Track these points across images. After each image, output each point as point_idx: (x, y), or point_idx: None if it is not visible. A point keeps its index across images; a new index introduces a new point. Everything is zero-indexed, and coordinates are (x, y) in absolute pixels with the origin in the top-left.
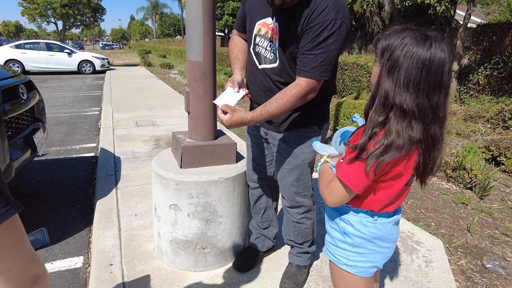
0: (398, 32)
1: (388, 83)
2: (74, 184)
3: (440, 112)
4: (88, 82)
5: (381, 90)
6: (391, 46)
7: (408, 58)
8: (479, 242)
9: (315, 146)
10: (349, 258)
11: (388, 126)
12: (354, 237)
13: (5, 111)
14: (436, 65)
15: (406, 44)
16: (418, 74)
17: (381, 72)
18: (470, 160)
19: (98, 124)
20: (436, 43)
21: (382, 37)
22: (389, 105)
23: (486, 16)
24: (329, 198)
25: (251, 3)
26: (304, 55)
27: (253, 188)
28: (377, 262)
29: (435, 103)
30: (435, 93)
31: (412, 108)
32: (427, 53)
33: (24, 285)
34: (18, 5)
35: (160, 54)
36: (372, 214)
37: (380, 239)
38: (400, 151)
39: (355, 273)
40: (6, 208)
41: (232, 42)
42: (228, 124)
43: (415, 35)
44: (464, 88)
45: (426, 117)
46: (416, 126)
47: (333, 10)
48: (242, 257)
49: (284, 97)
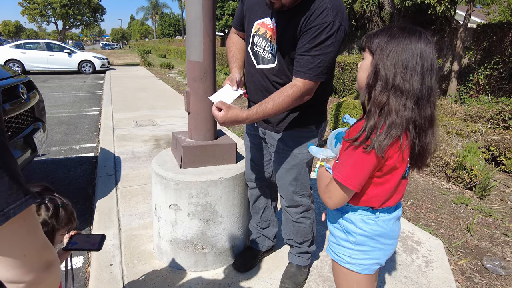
0: (388, 28)
1: (387, 69)
2: (74, 184)
3: (433, 93)
4: (88, 82)
5: (381, 76)
6: (386, 39)
7: (404, 47)
8: (479, 242)
9: (311, 151)
10: (352, 256)
11: (387, 108)
12: (356, 235)
13: (5, 111)
14: (428, 52)
15: (399, 35)
16: (414, 59)
17: (377, 61)
18: (470, 160)
19: (98, 124)
20: (423, 34)
21: (372, 34)
22: (389, 87)
23: (486, 16)
24: (329, 201)
25: (250, 2)
26: (301, 56)
27: (252, 188)
28: (379, 259)
29: (429, 86)
30: (429, 75)
31: (409, 88)
32: (418, 41)
33: (39, 269)
34: (18, 5)
35: (160, 54)
36: (373, 211)
37: (382, 236)
38: (398, 130)
39: (358, 271)
40: (25, 198)
41: (230, 40)
42: (222, 121)
43: (405, 29)
44: (464, 88)
45: (423, 98)
46: (411, 105)
47: (332, 13)
48: (242, 257)
49: (280, 97)
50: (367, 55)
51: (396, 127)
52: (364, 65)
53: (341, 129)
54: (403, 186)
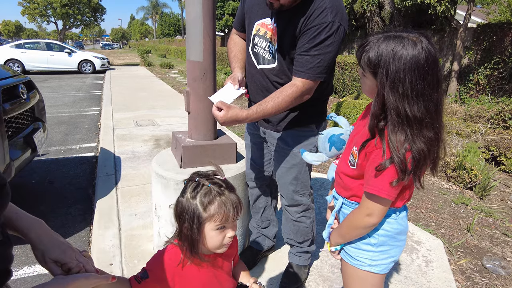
0: (383, 42)
1: (395, 99)
2: (74, 184)
3: (440, 106)
4: (88, 81)
5: (389, 108)
6: (384, 60)
7: (408, 70)
8: (479, 242)
9: (305, 158)
10: (373, 258)
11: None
12: (379, 236)
13: (5, 111)
14: (432, 65)
15: (401, 55)
16: (422, 82)
17: (382, 89)
18: (470, 160)
19: (98, 124)
20: (422, 43)
21: (366, 50)
22: (402, 118)
23: (487, 16)
24: (371, 220)
25: (251, 3)
26: (301, 55)
27: (252, 188)
28: (396, 256)
29: (436, 100)
30: (436, 91)
31: (423, 113)
32: (422, 57)
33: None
34: (18, 5)
35: (160, 54)
36: (394, 210)
37: (401, 233)
38: (427, 156)
39: (379, 272)
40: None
41: (231, 41)
42: (222, 121)
43: (402, 42)
44: (464, 88)
45: (433, 115)
46: (429, 127)
47: (331, 13)
48: (242, 257)
49: (280, 96)
50: (367, 74)
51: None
52: (367, 84)
53: (333, 131)
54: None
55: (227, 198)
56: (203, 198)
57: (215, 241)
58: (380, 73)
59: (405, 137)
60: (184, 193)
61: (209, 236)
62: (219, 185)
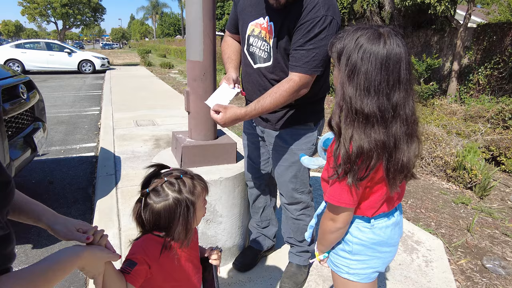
0: (351, 33)
1: (350, 89)
2: (74, 183)
3: (400, 110)
4: (88, 81)
5: (346, 97)
6: (347, 50)
7: (366, 60)
8: (479, 242)
9: (303, 162)
10: (350, 266)
11: (355, 131)
12: (352, 244)
13: (5, 111)
14: (393, 62)
15: (362, 46)
16: (378, 75)
17: (342, 78)
18: (470, 160)
19: (98, 124)
20: (390, 39)
21: (336, 40)
22: (352, 110)
23: (486, 15)
24: (335, 224)
25: (243, 5)
26: (296, 50)
27: (251, 187)
28: (378, 267)
29: (395, 102)
30: (395, 90)
31: (374, 110)
32: (383, 51)
33: None
34: (18, 5)
35: (160, 54)
36: (368, 219)
37: (380, 245)
38: (371, 156)
39: (357, 280)
40: None
41: (225, 43)
42: (222, 123)
43: (368, 34)
44: (464, 88)
45: (387, 117)
46: (378, 128)
47: (323, 7)
48: (242, 257)
49: (277, 91)
50: (336, 66)
51: (367, 155)
52: (335, 75)
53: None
54: (400, 187)
55: (196, 175)
56: (186, 188)
57: (202, 212)
58: (342, 61)
59: (352, 130)
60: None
61: (199, 212)
62: (182, 172)
